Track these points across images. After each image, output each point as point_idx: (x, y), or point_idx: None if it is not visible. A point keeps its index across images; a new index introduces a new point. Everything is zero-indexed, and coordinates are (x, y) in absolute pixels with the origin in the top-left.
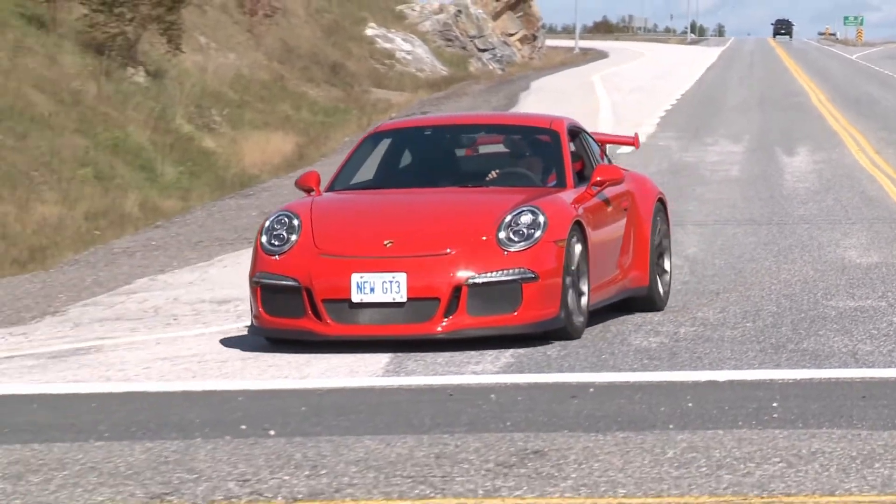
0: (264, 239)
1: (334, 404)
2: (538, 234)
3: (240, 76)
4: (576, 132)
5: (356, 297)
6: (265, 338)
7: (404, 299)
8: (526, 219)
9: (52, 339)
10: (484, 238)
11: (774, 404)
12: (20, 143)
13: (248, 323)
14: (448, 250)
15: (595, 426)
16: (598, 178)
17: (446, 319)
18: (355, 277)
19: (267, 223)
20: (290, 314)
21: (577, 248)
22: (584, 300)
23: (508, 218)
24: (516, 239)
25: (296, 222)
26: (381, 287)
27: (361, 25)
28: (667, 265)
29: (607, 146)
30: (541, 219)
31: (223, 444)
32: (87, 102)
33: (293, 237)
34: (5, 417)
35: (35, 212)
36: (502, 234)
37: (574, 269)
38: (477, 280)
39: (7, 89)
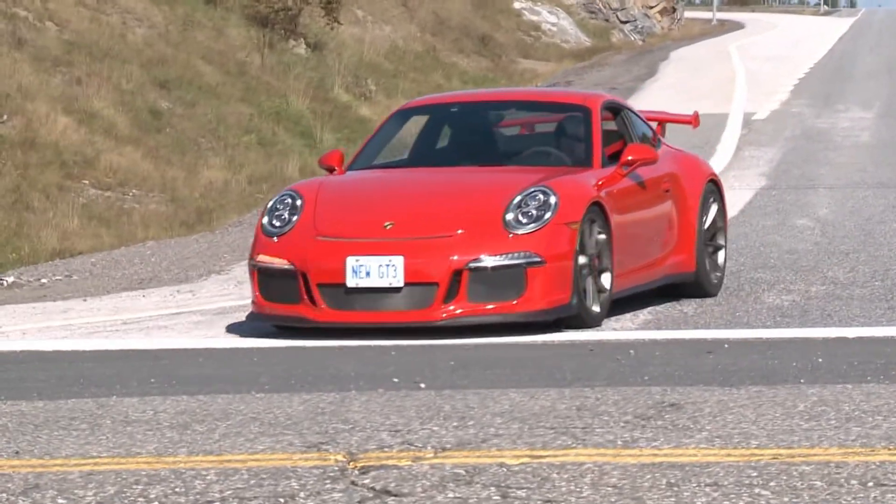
0: (265, 220)
1: (481, 359)
2: (548, 215)
3: (394, 47)
4: (616, 109)
5: (351, 282)
6: (272, 324)
7: (401, 284)
8: (536, 199)
9: (217, 297)
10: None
11: None
12: (189, 111)
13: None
14: (451, 232)
15: (729, 380)
16: (629, 158)
17: (447, 306)
18: (350, 261)
19: (270, 203)
20: (286, 299)
21: (596, 230)
22: (605, 286)
23: (518, 199)
24: (524, 221)
25: (298, 203)
26: (377, 271)
27: None
28: (720, 251)
29: (666, 125)
30: (552, 199)
31: (376, 396)
32: (252, 73)
33: (294, 218)
34: (173, 370)
35: (202, 176)
36: (510, 216)
37: (592, 253)
38: (478, 264)
39: (177, 61)
